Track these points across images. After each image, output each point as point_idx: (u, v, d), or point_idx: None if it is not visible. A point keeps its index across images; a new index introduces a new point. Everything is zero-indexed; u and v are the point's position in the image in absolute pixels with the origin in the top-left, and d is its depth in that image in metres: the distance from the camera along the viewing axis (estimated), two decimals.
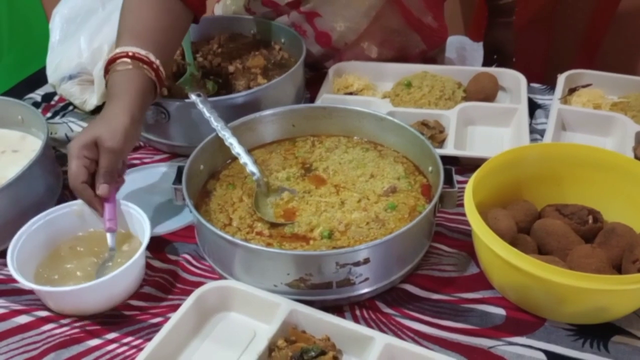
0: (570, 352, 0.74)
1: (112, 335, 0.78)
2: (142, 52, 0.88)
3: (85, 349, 0.76)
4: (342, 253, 0.76)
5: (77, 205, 0.86)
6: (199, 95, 0.98)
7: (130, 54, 0.87)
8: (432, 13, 1.26)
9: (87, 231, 0.89)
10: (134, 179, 1.04)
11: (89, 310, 0.80)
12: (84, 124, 1.19)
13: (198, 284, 0.80)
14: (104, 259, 0.83)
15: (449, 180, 0.85)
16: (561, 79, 1.18)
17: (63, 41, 1.21)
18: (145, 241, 0.81)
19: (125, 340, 0.77)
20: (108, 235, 0.83)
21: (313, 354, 0.69)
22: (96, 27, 1.18)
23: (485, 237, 0.75)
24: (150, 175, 1.06)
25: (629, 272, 0.76)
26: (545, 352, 0.74)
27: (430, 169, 0.91)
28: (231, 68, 1.18)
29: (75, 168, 0.80)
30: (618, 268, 0.79)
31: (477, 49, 1.59)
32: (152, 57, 0.88)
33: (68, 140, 1.12)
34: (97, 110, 1.22)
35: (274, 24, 1.26)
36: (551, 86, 1.24)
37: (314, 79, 1.26)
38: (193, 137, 1.04)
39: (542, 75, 1.34)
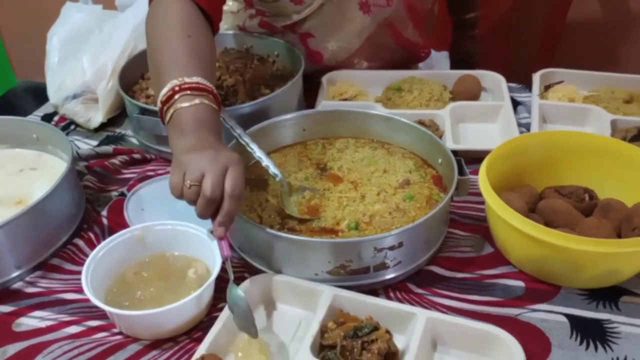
0: (588, 314, 0.83)
1: None
2: (202, 81, 0.85)
3: (142, 346, 0.79)
4: (380, 238, 0.82)
5: (138, 230, 0.88)
6: None
7: (194, 85, 0.85)
8: (418, 31, 1.34)
9: (149, 256, 0.89)
10: (151, 190, 1.07)
11: (166, 334, 0.80)
12: (89, 141, 1.22)
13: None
14: None
15: (460, 170, 0.93)
16: (536, 77, 1.29)
17: (63, 62, 1.24)
18: (217, 268, 0.81)
19: (180, 339, 0.81)
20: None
21: (367, 330, 0.74)
22: (98, 47, 1.22)
23: (504, 214, 0.83)
24: (166, 185, 1.09)
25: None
26: (566, 315, 0.82)
27: (440, 161, 0.99)
28: (231, 81, 1.22)
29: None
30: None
31: (441, 59, 1.70)
32: (208, 84, 0.86)
33: (79, 157, 1.14)
34: (102, 127, 1.24)
35: (267, 38, 1.32)
36: (525, 85, 1.35)
37: (306, 89, 1.32)
38: None
39: (505, 77, 1.45)
